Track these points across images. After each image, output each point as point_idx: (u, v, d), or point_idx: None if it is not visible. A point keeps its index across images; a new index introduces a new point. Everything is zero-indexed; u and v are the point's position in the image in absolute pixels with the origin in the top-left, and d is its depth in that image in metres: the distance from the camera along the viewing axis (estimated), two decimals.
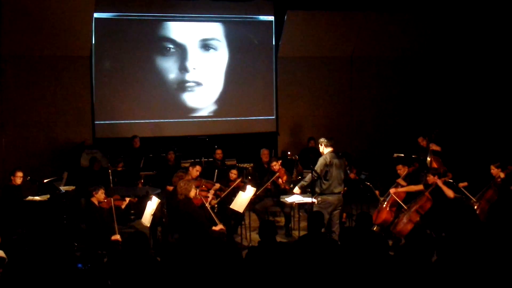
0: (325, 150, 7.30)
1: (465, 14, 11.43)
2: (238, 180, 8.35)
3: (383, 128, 12.58)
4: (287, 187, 8.43)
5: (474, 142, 11.11)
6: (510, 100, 11.05)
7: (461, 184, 7.79)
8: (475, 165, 9.01)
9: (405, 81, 12.68)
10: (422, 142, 9.48)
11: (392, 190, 7.79)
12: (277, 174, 8.49)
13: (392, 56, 12.56)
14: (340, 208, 7.42)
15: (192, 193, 7.03)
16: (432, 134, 9.35)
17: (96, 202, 7.02)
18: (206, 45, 11.68)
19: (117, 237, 6.75)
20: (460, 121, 11.87)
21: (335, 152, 7.31)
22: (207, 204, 7.35)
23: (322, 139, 7.37)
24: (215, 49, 11.75)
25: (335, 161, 7.20)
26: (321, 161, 7.20)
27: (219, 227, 7.02)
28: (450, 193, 7.33)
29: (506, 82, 11.11)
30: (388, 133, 12.42)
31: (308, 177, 7.29)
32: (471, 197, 7.60)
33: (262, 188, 8.36)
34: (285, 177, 8.53)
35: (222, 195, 8.11)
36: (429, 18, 11.92)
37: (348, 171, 8.73)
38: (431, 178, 7.48)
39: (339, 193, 7.30)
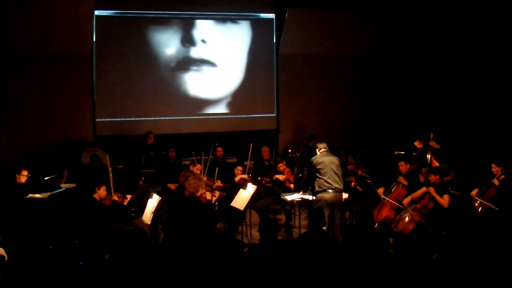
0: (318, 152, 7.61)
1: (466, 12, 11.41)
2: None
3: (383, 126, 12.57)
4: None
5: (475, 140, 11.08)
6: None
7: (473, 193, 7.55)
8: (476, 163, 8.98)
9: (406, 78, 12.66)
10: (419, 145, 9.34)
11: (405, 200, 7.67)
12: (285, 176, 8.71)
13: (392, 54, 12.54)
14: (341, 208, 7.46)
15: (199, 192, 7.09)
16: (430, 134, 9.24)
17: (98, 199, 7.05)
18: (207, 44, 11.66)
19: (114, 197, 7.17)
20: (462, 118, 11.84)
21: (327, 151, 7.57)
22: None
23: (317, 144, 7.76)
24: (216, 47, 11.71)
25: (325, 158, 7.39)
26: (310, 162, 7.54)
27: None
28: (444, 202, 7.08)
29: (508, 80, 11.08)
30: (388, 130, 12.41)
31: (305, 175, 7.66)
32: (487, 203, 7.31)
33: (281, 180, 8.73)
34: (292, 178, 8.77)
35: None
36: (430, 16, 11.89)
37: (356, 168, 8.83)
38: (433, 178, 7.39)
39: (335, 189, 7.28)
